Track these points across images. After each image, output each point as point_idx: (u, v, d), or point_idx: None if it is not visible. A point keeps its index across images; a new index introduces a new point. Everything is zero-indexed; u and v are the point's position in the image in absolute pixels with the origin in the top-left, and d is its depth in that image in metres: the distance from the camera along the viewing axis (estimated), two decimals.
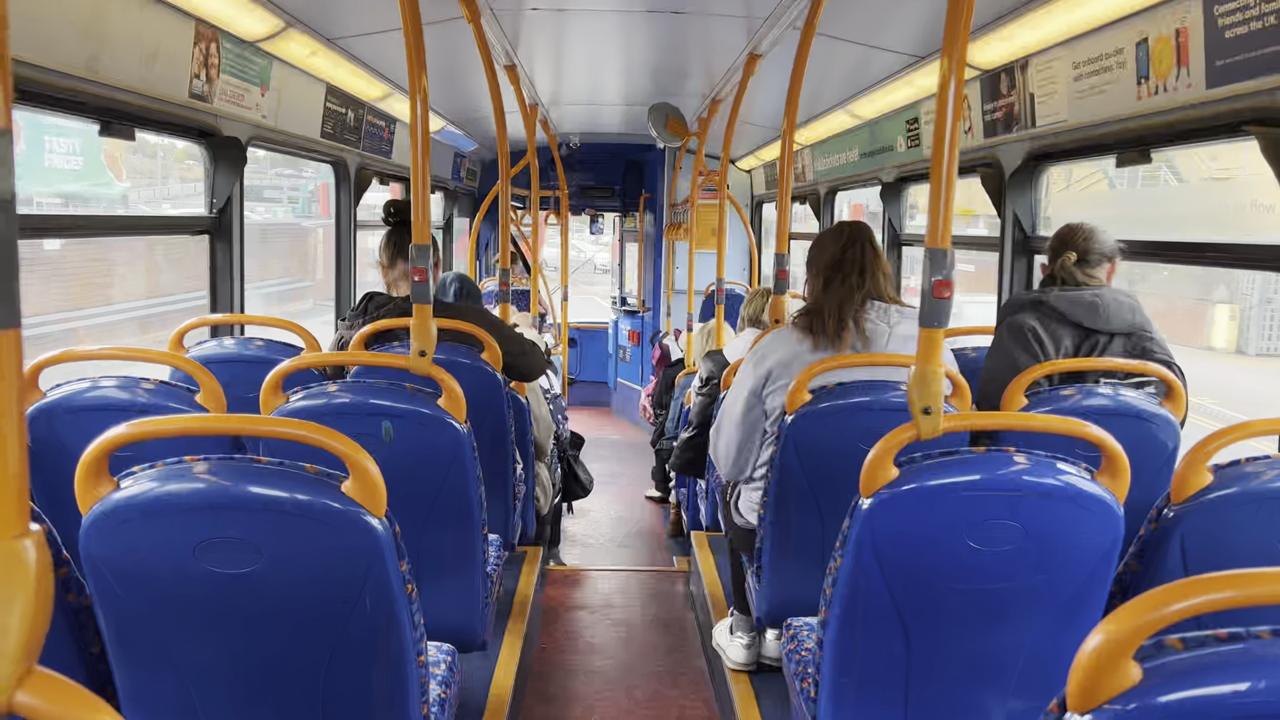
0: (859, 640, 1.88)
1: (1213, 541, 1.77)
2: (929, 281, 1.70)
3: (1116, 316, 2.73)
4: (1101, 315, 2.73)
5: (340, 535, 1.54)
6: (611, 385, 10.53)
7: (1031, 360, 2.70)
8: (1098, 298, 2.75)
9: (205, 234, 3.63)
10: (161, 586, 1.55)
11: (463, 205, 8.60)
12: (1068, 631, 1.84)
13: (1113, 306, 2.74)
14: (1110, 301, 2.75)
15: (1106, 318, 2.73)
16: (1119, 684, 0.97)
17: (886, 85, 4.37)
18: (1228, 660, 0.96)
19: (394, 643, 1.64)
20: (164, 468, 1.55)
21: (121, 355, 2.55)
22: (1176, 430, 2.46)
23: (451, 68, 4.80)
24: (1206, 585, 0.98)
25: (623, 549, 6.05)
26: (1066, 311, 2.75)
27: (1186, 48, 2.47)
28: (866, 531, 1.77)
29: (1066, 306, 2.75)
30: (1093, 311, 2.74)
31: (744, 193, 8.81)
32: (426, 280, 2.36)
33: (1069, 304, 2.75)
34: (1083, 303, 2.75)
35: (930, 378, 1.74)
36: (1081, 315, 2.74)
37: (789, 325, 2.75)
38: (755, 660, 3.21)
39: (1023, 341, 2.75)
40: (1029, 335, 2.75)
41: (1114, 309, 2.74)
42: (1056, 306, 2.76)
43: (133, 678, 1.62)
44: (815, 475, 2.49)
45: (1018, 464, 1.76)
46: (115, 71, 2.70)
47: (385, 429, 2.22)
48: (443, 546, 2.33)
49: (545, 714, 3.33)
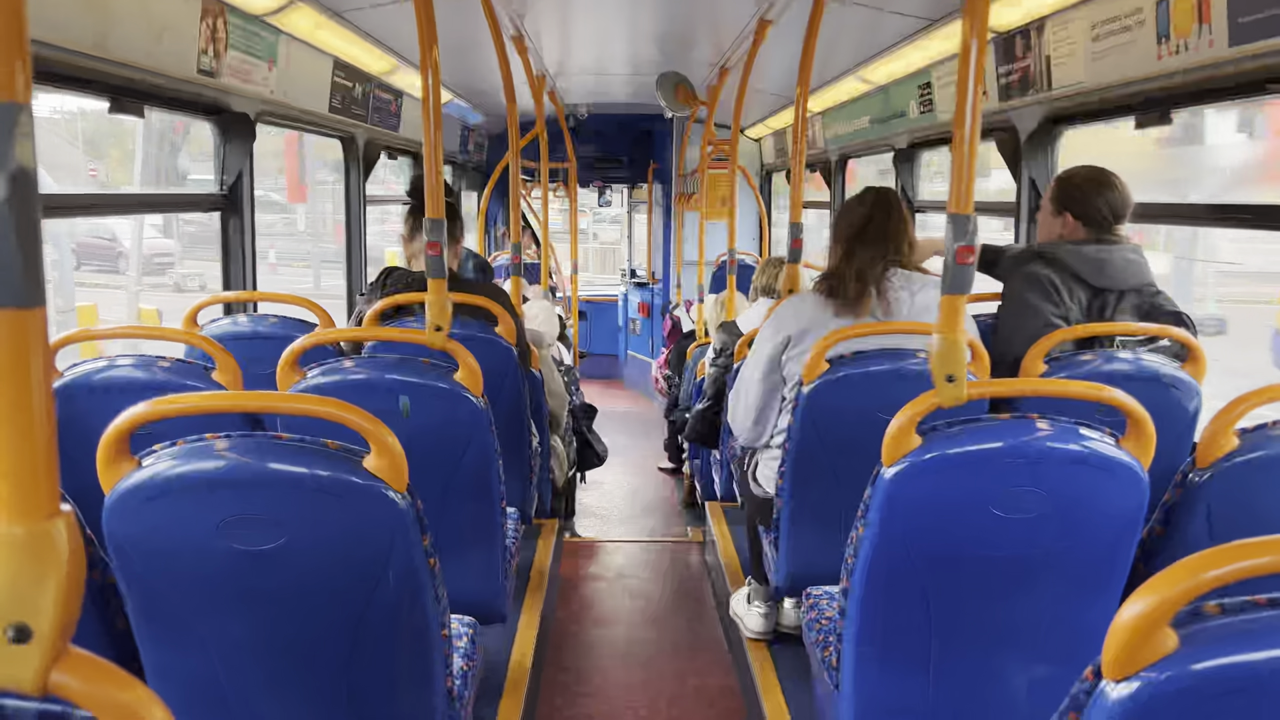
0: (881, 608, 1.88)
1: (1239, 506, 1.76)
2: (952, 247, 1.68)
3: (1124, 274, 2.64)
4: (1108, 273, 2.64)
5: (363, 510, 1.54)
6: (622, 358, 10.52)
7: (1055, 310, 2.62)
8: (1108, 254, 2.65)
9: (217, 210, 3.62)
10: (185, 564, 1.55)
11: (471, 179, 8.56)
12: (1091, 598, 1.83)
13: (1120, 264, 2.64)
14: (1119, 259, 2.65)
15: (1113, 275, 2.64)
16: (1156, 651, 0.96)
17: (899, 49, 4.31)
18: (1266, 626, 0.96)
19: (418, 616, 1.64)
20: (185, 445, 1.54)
21: (137, 334, 2.55)
22: (1198, 394, 2.43)
23: (458, 40, 4.75)
24: (1244, 551, 0.97)
25: (637, 520, 6.07)
26: (1075, 267, 2.65)
27: (1208, 5, 2.42)
28: (889, 500, 1.76)
29: (1075, 261, 2.65)
30: (1099, 269, 2.64)
31: (753, 162, 8.74)
32: (441, 254, 2.34)
33: (1078, 259, 2.65)
34: (1090, 259, 2.65)
35: (954, 345, 1.72)
36: (1088, 272, 2.64)
37: (811, 290, 2.73)
38: (773, 629, 3.22)
39: (1042, 290, 2.64)
40: (1048, 285, 2.64)
41: (1121, 266, 2.64)
42: (1066, 261, 2.66)
43: (157, 654, 1.63)
44: (833, 444, 2.48)
45: (1041, 430, 1.75)
46: (124, 48, 2.68)
47: (403, 404, 2.22)
48: (462, 520, 2.33)
49: (564, 684, 3.35)
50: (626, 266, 10.70)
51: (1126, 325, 2.56)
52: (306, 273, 19.46)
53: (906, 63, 4.48)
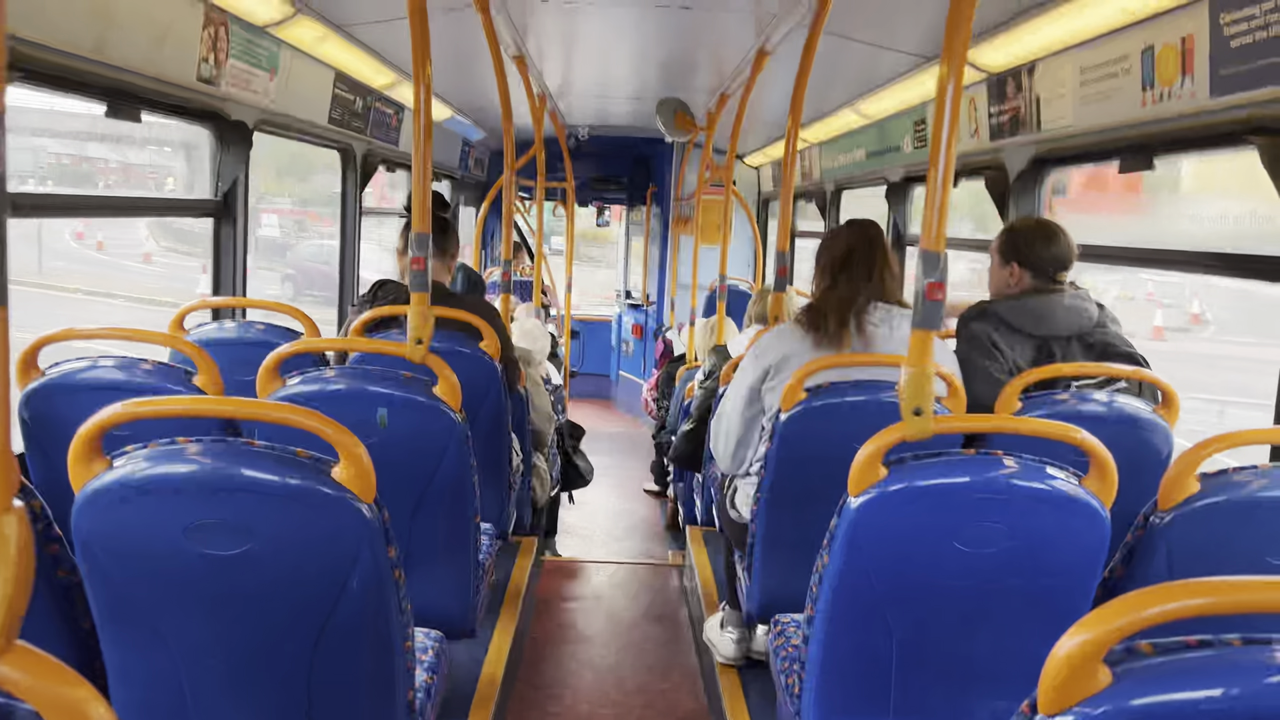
0: (844, 638, 1.89)
1: (1198, 549, 1.78)
2: (922, 283, 1.71)
3: (1065, 321, 2.67)
4: (1048, 322, 2.66)
5: (330, 520, 1.56)
6: (614, 378, 10.53)
7: (999, 366, 2.65)
8: (1043, 304, 2.68)
9: (210, 217, 3.65)
10: (151, 566, 1.56)
11: (469, 194, 8.60)
12: (1052, 634, 1.82)
13: (1060, 312, 2.67)
14: (1058, 307, 2.67)
15: (1053, 323, 2.66)
16: (1090, 687, 0.98)
17: (894, 85, 4.36)
18: (1198, 666, 0.97)
19: (381, 627, 1.65)
20: (156, 448, 1.56)
21: (122, 335, 2.56)
22: (1170, 437, 2.46)
23: (460, 56, 4.80)
24: (1179, 592, 0.98)
25: (619, 542, 6.06)
26: (1012, 320, 2.69)
27: (1192, 56, 2.47)
28: (854, 530, 1.78)
29: (1012, 315, 2.69)
30: (1037, 319, 2.67)
31: (751, 189, 8.79)
32: (425, 269, 2.37)
33: (1014, 313, 2.69)
34: (1027, 310, 2.68)
35: (921, 379, 1.74)
36: (1027, 324, 2.68)
37: (791, 322, 2.75)
38: (745, 655, 3.23)
39: (983, 349, 2.68)
40: (987, 343, 2.68)
41: (1061, 314, 2.67)
42: (1003, 316, 2.70)
43: (121, 655, 1.64)
44: (807, 473, 2.49)
45: (1006, 467, 1.77)
46: (123, 53, 2.71)
47: (380, 416, 2.24)
48: (434, 533, 2.34)
49: (535, 701, 3.35)
50: (621, 288, 10.73)
51: (1103, 367, 2.59)
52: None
53: (902, 99, 4.54)
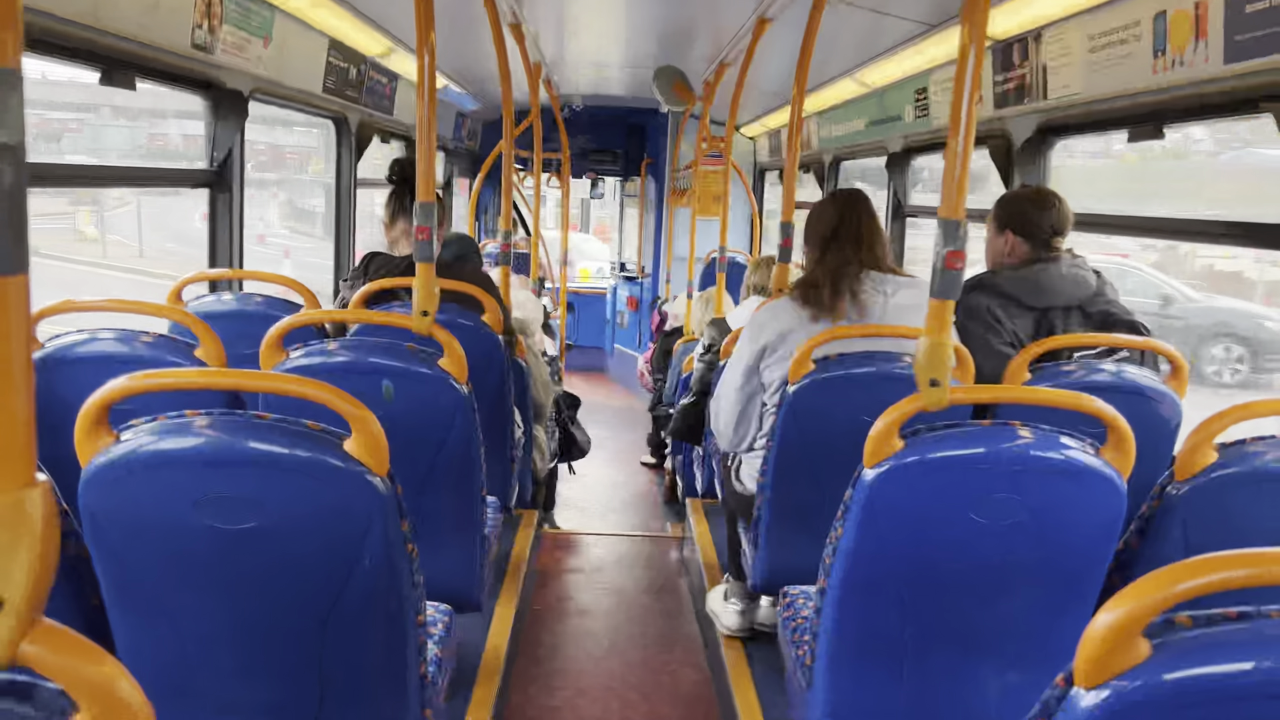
0: (857, 609, 1.88)
1: (1215, 521, 1.77)
2: (941, 252, 1.68)
3: (1064, 290, 2.65)
4: (1047, 292, 2.64)
5: (342, 493, 1.53)
6: (609, 351, 10.52)
7: (999, 339, 2.63)
8: (1041, 273, 2.65)
9: (205, 187, 3.60)
10: (161, 540, 1.54)
11: (463, 165, 8.53)
12: (1065, 606, 1.84)
13: (1058, 280, 2.65)
14: (1056, 276, 2.65)
15: (1053, 293, 2.64)
16: (1128, 660, 0.97)
17: (896, 53, 4.32)
18: (1237, 638, 0.96)
19: (393, 601, 1.64)
20: (164, 421, 1.53)
21: (120, 307, 2.52)
22: (1179, 408, 2.45)
23: (455, 25, 4.73)
24: (1219, 564, 0.97)
25: (617, 514, 6.07)
26: (1011, 291, 2.67)
27: (1205, 21, 2.44)
28: (869, 502, 1.77)
29: (1010, 286, 2.67)
30: (1036, 290, 2.64)
31: (747, 160, 8.74)
32: (430, 239, 2.33)
33: (1013, 283, 2.67)
34: (1025, 281, 2.66)
35: (939, 349, 1.73)
36: (1026, 294, 2.65)
37: (787, 296, 2.73)
38: (749, 626, 3.23)
39: (983, 322, 2.66)
40: (987, 316, 2.66)
41: (1060, 282, 2.65)
42: (1002, 287, 2.68)
43: (130, 630, 1.62)
44: (816, 445, 2.48)
45: (1022, 438, 1.75)
46: (117, 19, 2.66)
47: (386, 388, 2.21)
48: (442, 507, 2.33)
49: (537, 675, 3.35)
50: (617, 260, 10.69)
51: (1110, 337, 2.57)
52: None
53: (904, 67, 4.49)
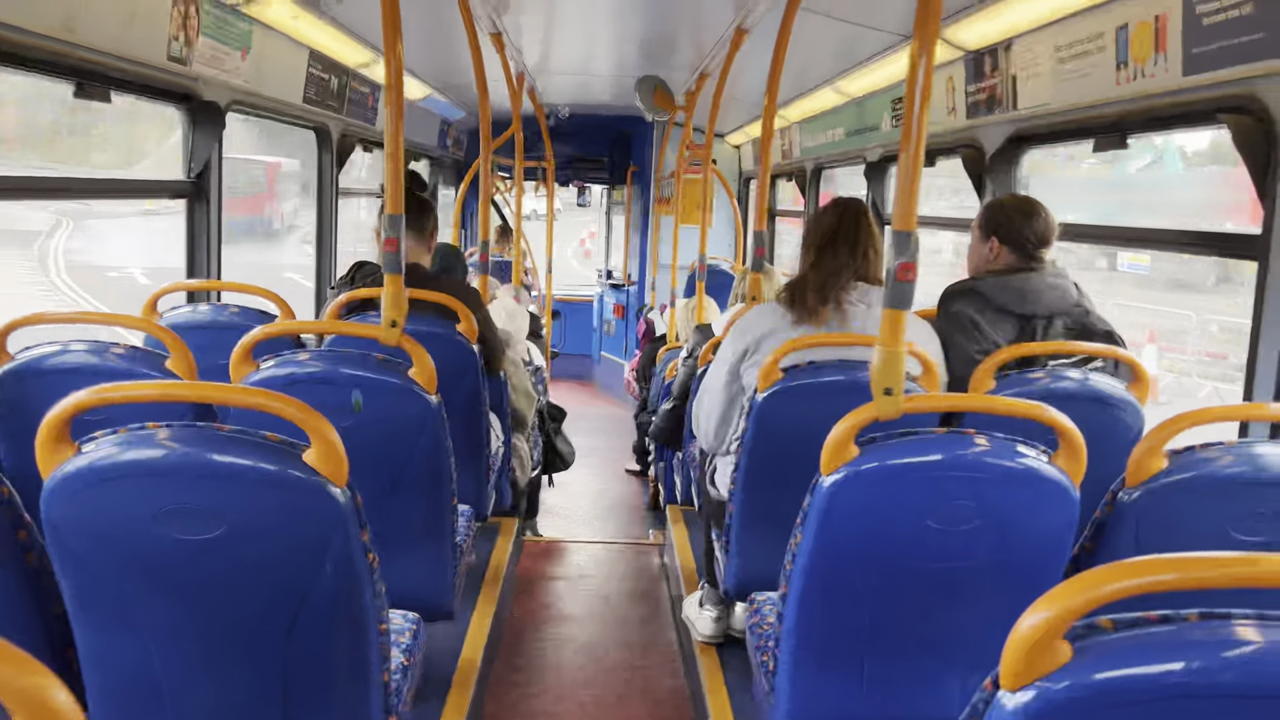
0: (817, 615, 1.90)
1: (1166, 525, 1.80)
2: (893, 264, 1.71)
3: (1048, 299, 2.69)
4: (1032, 300, 2.69)
5: (302, 504, 1.55)
6: (595, 359, 10.53)
7: (977, 347, 2.66)
8: (1026, 282, 2.70)
9: (182, 198, 3.61)
10: (122, 551, 1.56)
11: (448, 174, 8.55)
12: (1022, 610, 1.86)
13: (1043, 289, 2.69)
14: (1041, 285, 2.70)
15: (1037, 301, 2.69)
16: (1051, 662, 0.99)
17: (873, 63, 4.36)
18: (1157, 641, 0.98)
19: (355, 610, 1.65)
20: (126, 433, 1.55)
21: (94, 319, 2.54)
22: (1141, 415, 2.48)
23: (438, 34, 4.76)
24: (1141, 568, 1.00)
25: (601, 521, 6.08)
26: (997, 298, 2.71)
27: (1165, 34, 2.48)
28: (826, 509, 1.79)
29: (996, 293, 2.71)
30: (1021, 297, 2.69)
31: (732, 168, 8.78)
32: (397, 250, 2.35)
33: (999, 290, 2.71)
34: (1012, 288, 2.70)
35: (892, 359, 1.75)
36: (1012, 301, 2.69)
37: (773, 300, 2.76)
38: (723, 633, 3.25)
39: (962, 330, 2.70)
40: (967, 323, 2.70)
41: (1045, 291, 2.69)
42: (987, 294, 2.72)
43: (93, 641, 1.63)
44: (784, 452, 2.50)
45: (978, 445, 1.78)
46: (92, 33, 2.67)
47: (355, 399, 2.23)
48: (411, 516, 2.34)
49: (515, 682, 3.36)
50: (603, 268, 10.71)
51: (1082, 345, 2.60)
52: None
53: (880, 76, 4.54)
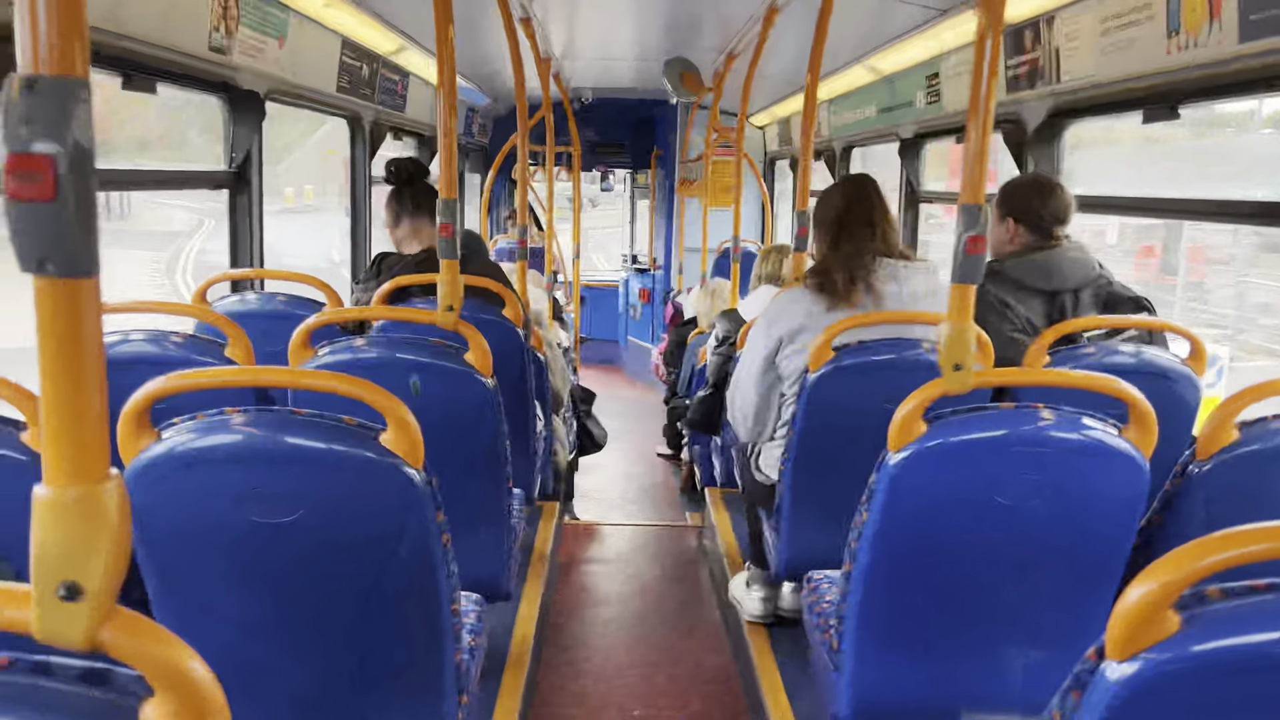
0: (883, 592, 1.91)
1: (1237, 497, 1.79)
2: (962, 237, 1.70)
3: (1072, 272, 2.69)
4: (1057, 274, 2.69)
5: (379, 486, 1.57)
6: (622, 343, 10.54)
7: (1012, 326, 2.67)
8: (1049, 258, 2.70)
9: (225, 188, 3.64)
10: (202, 536, 1.58)
11: (474, 161, 8.56)
12: (1090, 584, 1.86)
13: (1067, 265, 2.70)
14: (1063, 260, 2.70)
15: (1063, 275, 2.69)
16: (1158, 633, 0.99)
17: (908, 39, 4.32)
18: (1265, 610, 0.98)
19: (430, 591, 1.67)
20: (204, 420, 1.57)
21: (149, 308, 2.56)
22: (1198, 387, 2.47)
23: (465, 21, 4.74)
24: (1245, 538, 0.99)
25: (634, 505, 6.10)
26: (1023, 277, 2.71)
27: (1219, 1, 2.44)
28: (894, 485, 1.79)
29: (1021, 272, 2.71)
30: (1047, 273, 2.69)
31: (757, 149, 8.74)
32: (453, 236, 2.36)
33: (1024, 269, 2.71)
34: (1037, 265, 2.70)
35: (962, 333, 1.75)
36: (1038, 278, 2.70)
37: (801, 287, 2.74)
38: (772, 613, 3.26)
39: (994, 311, 2.70)
40: (997, 304, 2.70)
41: (1069, 267, 2.70)
42: (1012, 274, 2.72)
43: (174, 625, 1.64)
44: (838, 431, 2.50)
45: (1045, 419, 1.78)
46: (136, 24, 2.69)
47: (413, 383, 2.24)
48: (470, 499, 2.36)
49: (563, 662, 3.39)
50: (629, 252, 10.70)
51: (1129, 319, 2.59)
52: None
53: (915, 53, 4.49)
